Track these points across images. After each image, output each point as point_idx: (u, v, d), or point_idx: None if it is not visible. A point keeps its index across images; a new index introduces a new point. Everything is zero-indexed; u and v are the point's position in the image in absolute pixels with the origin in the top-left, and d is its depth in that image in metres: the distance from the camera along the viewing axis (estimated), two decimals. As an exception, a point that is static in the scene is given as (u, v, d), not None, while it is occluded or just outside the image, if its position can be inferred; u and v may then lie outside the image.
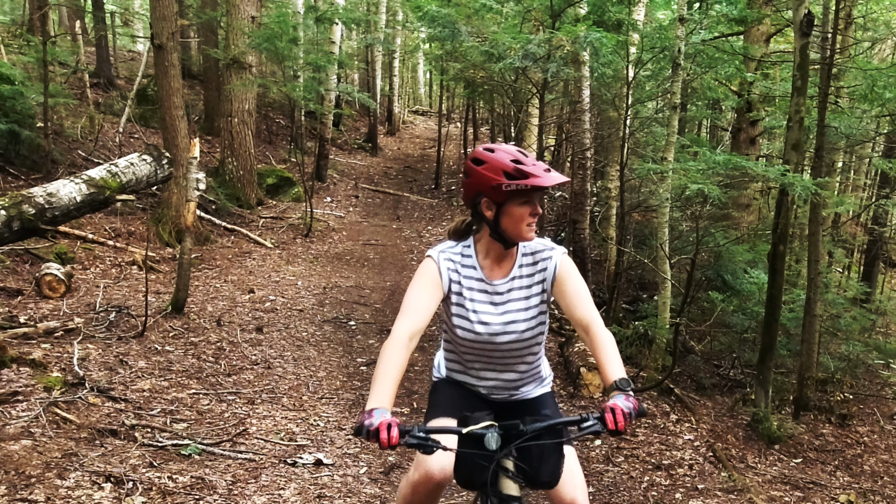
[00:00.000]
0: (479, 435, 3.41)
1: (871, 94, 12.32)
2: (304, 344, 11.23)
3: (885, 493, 8.85)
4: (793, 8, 9.62)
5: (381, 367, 3.65)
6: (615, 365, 3.77)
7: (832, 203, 14.74)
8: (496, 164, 3.86)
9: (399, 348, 3.71)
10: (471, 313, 4.20)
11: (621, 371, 3.76)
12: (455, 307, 4.23)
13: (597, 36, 11.18)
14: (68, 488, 6.03)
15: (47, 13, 20.89)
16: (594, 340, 3.91)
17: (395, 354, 3.69)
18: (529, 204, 3.94)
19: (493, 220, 3.99)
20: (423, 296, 4.02)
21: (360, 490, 6.94)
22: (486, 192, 3.91)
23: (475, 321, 4.19)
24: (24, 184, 14.20)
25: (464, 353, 4.38)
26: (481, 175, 3.90)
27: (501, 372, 4.40)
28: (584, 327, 4.00)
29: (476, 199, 4.01)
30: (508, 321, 4.20)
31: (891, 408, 12.07)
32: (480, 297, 4.22)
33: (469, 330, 4.20)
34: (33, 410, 7.24)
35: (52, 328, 9.73)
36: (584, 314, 4.04)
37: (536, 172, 3.82)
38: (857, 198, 23.11)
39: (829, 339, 12.81)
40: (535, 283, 4.24)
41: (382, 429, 3.23)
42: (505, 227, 3.99)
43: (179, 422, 7.86)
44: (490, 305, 4.22)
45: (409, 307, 3.95)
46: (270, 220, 19.07)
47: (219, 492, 6.45)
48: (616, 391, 3.61)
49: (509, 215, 3.94)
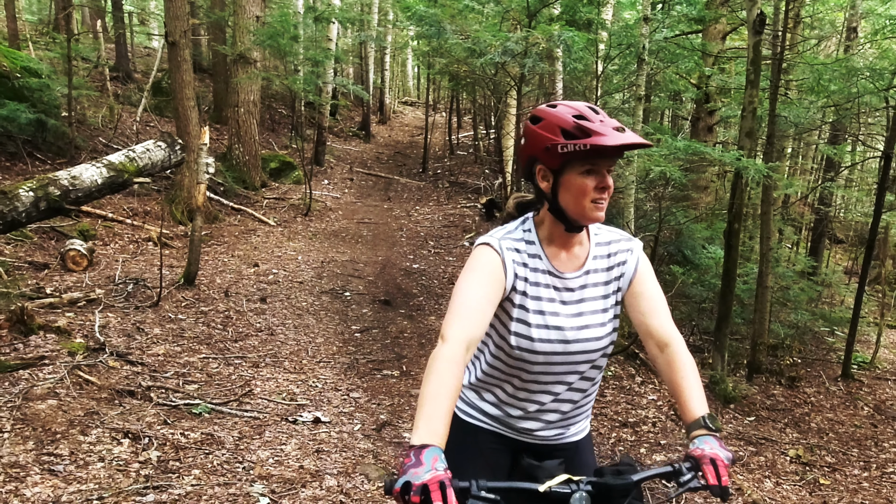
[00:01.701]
0: (561, 495, 2.49)
1: (817, 87, 12.34)
2: (303, 313, 11.21)
3: (829, 448, 8.88)
4: (747, 8, 9.60)
5: (431, 387, 2.47)
6: (699, 397, 2.81)
7: (782, 185, 14.78)
8: (554, 121, 2.80)
9: (453, 363, 2.54)
10: (536, 315, 2.97)
11: (705, 404, 2.80)
12: (517, 309, 2.97)
13: (569, 34, 11.16)
14: (90, 443, 6.02)
15: (71, 13, 20.82)
16: (672, 363, 2.93)
17: (449, 371, 2.52)
18: (595, 174, 2.79)
19: (549, 193, 2.90)
20: (482, 293, 2.80)
21: (354, 445, 6.94)
22: (540, 157, 2.86)
23: (542, 324, 2.97)
24: (50, 168, 14.16)
25: (513, 375, 3.09)
26: (536, 135, 2.84)
27: (559, 397, 3.13)
28: (661, 344, 2.99)
29: (531, 166, 2.94)
30: (583, 325, 3.03)
31: (835, 371, 12.12)
32: (548, 293, 3.01)
33: (529, 337, 2.95)
34: (58, 373, 7.22)
35: (75, 298, 9.71)
36: (661, 328, 3.02)
37: (602, 130, 2.70)
38: (804, 180, 23.20)
39: (779, 308, 12.85)
40: (612, 281, 3.11)
41: (434, 490, 2.14)
42: (564, 203, 2.87)
43: (191, 383, 7.84)
44: (560, 304, 3.02)
45: (463, 306, 2.74)
46: (273, 200, 19.02)
47: (226, 447, 6.44)
48: (704, 432, 2.66)
49: (568, 187, 2.83)
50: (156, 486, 5.50)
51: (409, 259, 15.95)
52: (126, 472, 5.67)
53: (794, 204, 21.04)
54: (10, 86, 14.31)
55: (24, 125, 13.87)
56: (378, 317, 11.67)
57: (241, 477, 5.89)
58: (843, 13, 18.84)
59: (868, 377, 12.25)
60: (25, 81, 14.59)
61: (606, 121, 2.76)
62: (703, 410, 2.72)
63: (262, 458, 6.31)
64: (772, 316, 11.85)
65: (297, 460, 6.38)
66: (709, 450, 2.56)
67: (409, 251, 16.64)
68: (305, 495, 5.74)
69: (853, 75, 11.74)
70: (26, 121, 13.78)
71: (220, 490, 5.60)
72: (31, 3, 33.95)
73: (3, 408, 6.36)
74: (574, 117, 2.75)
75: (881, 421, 10.16)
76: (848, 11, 17.48)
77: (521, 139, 2.98)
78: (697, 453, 2.56)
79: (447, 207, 21.71)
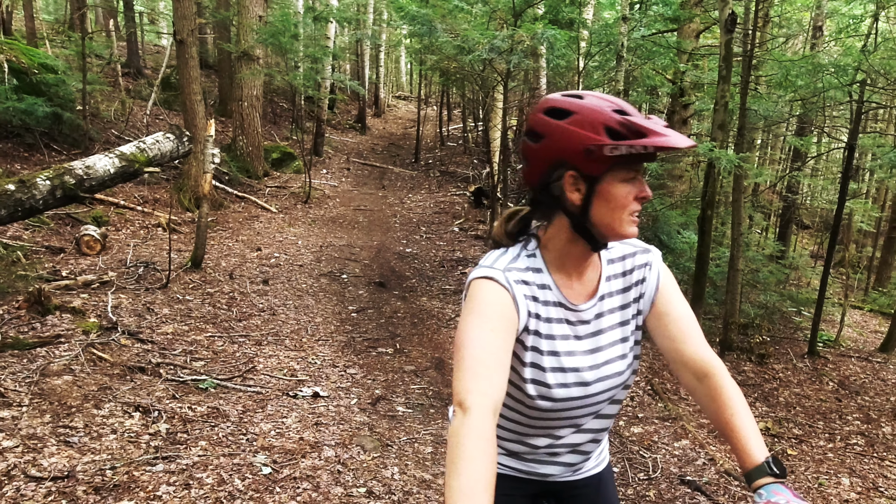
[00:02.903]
0: None
1: (785, 82, 12.33)
2: (303, 294, 11.21)
3: (796, 421, 8.90)
4: (719, 9, 9.59)
5: (464, 480, 1.79)
6: (756, 436, 2.16)
7: (752, 174, 14.78)
8: (592, 116, 2.10)
9: (483, 440, 1.86)
10: (550, 358, 2.32)
11: (763, 444, 2.15)
12: (530, 353, 2.30)
13: (552, 33, 11.16)
14: (103, 416, 6.02)
15: (85, 13, 20.75)
16: (718, 396, 2.26)
17: (482, 453, 1.84)
18: (636, 182, 2.15)
19: (580, 206, 2.18)
20: (498, 342, 2.09)
21: (351, 418, 6.94)
22: (575, 161, 2.12)
23: (558, 367, 2.33)
24: (65, 158, 14.14)
25: (527, 425, 2.46)
26: (568, 133, 2.11)
27: (576, 439, 2.54)
28: (700, 373, 2.33)
29: (552, 173, 2.19)
30: (602, 362, 2.39)
31: (802, 348, 12.14)
32: (561, 329, 2.34)
33: (546, 384, 2.31)
34: (73, 350, 7.21)
35: (89, 281, 9.69)
36: (697, 354, 2.36)
37: (656, 128, 2.08)
38: (773, 170, 23.27)
39: (749, 289, 12.86)
40: (631, 304, 2.45)
41: None
42: (598, 217, 2.17)
43: (198, 360, 7.84)
44: (575, 341, 2.36)
45: (479, 362, 2.02)
46: (275, 188, 18.99)
47: (231, 420, 6.44)
48: (772, 480, 2.04)
49: (606, 198, 2.14)
50: (165, 457, 5.50)
51: (403, 244, 15.94)
52: (137, 444, 5.66)
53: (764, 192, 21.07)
54: (29, 81, 14.29)
55: (42, 118, 13.87)
56: (373, 298, 11.67)
57: (244, 448, 5.89)
58: (809, 13, 18.85)
59: (833, 354, 12.27)
60: (43, 77, 14.59)
61: (651, 117, 2.15)
62: (765, 452, 2.10)
63: (264, 431, 6.31)
64: (742, 297, 11.86)
65: (297, 432, 6.38)
66: (784, 502, 1.95)
67: (402, 236, 16.64)
68: (305, 465, 5.74)
69: (819, 71, 11.74)
70: (43, 114, 13.78)
71: (225, 460, 5.60)
72: (47, 4, 33.90)
73: (21, 383, 6.35)
74: (615, 112, 2.11)
75: (845, 395, 10.19)
76: (814, 11, 17.47)
77: (528, 136, 2.25)
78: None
79: (438, 195, 21.71)
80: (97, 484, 4.96)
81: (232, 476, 5.37)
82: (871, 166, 23.16)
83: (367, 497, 5.39)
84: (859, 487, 6.94)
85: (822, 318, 12.42)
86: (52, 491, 4.78)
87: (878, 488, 6.97)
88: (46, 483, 4.87)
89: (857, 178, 23.79)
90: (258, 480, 5.37)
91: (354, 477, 5.67)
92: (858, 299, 21.32)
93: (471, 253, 15.50)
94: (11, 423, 5.62)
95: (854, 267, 24.69)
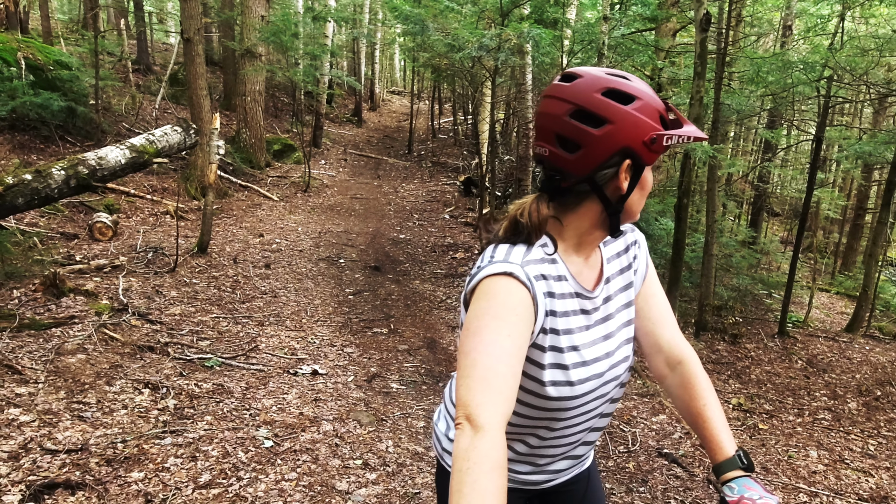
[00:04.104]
0: None
1: (756, 78, 12.32)
2: (303, 277, 11.20)
3: (767, 397, 8.93)
4: (694, 9, 9.57)
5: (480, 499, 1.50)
6: (726, 429, 2.06)
7: (726, 165, 14.79)
8: (652, 104, 1.90)
9: (499, 469, 1.56)
10: (571, 353, 2.02)
11: (732, 437, 2.05)
12: (550, 353, 1.99)
13: (537, 31, 11.14)
14: (115, 393, 6.02)
15: (98, 13, 20.69)
16: (690, 385, 2.15)
17: (497, 485, 1.54)
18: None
19: (625, 194, 1.97)
20: (514, 349, 1.76)
21: (347, 394, 6.95)
22: (638, 150, 1.89)
23: (580, 362, 2.04)
24: (79, 149, 14.10)
25: (540, 426, 2.13)
26: (635, 121, 1.87)
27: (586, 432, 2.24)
28: (673, 360, 2.23)
29: (612, 160, 1.90)
30: (614, 348, 2.15)
31: (772, 329, 12.17)
32: (578, 321, 2.06)
33: (570, 382, 2.02)
34: (87, 331, 7.21)
35: (101, 265, 9.68)
36: (673, 341, 2.25)
37: (684, 120, 1.96)
38: (745, 161, 23.24)
39: (723, 273, 12.89)
40: (630, 285, 2.24)
41: None
42: (631, 203, 2.01)
43: (203, 340, 7.84)
44: (589, 331, 2.09)
45: (494, 373, 1.70)
46: (276, 178, 18.95)
47: (235, 396, 6.45)
48: (742, 474, 1.95)
49: (643, 185, 2.00)
50: (173, 431, 5.51)
51: (397, 230, 15.93)
52: (146, 418, 5.67)
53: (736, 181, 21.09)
54: (45, 77, 14.28)
55: (57, 112, 13.87)
56: (369, 281, 11.67)
57: (248, 422, 5.90)
58: (779, 13, 18.84)
59: (801, 334, 12.30)
60: (58, 73, 14.57)
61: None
62: (734, 446, 2.01)
63: (266, 406, 6.32)
64: (716, 280, 11.88)
65: (297, 408, 6.39)
66: (759, 499, 1.84)
67: (396, 223, 16.63)
68: (305, 438, 5.75)
69: (788, 68, 11.74)
70: (58, 108, 13.78)
71: (229, 434, 5.61)
72: (62, 4, 33.75)
73: (37, 361, 6.36)
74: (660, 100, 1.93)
75: (812, 373, 10.22)
76: (784, 11, 17.46)
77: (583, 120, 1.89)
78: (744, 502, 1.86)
79: (430, 184, 21.69)
80: (109, 456, 4.97)
81: (236, 449, 5.38)
82: (838, 157, 23.19)
83: (363, 468, 5.40)
84: (826, 460, 6.97)
85: (791, 301, 12.46)
86: (67, 463, 4.79)
87: (843, 460, 7.01)
88: (61, 455, 4.87)
89: (825, 169, 23.84)
90: (261, 453, 5.38)
91: (351, 450, 5.69)
92: (825, 283, 21.38)
93: (461, 239, 15.50)
94: (28, 398, 5.63)
95: (821, 252, 24.76)
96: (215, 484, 4.84)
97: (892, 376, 10.29)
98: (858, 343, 12.15)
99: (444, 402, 2.46)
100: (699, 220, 14.32)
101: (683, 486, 5.92)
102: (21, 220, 10.83)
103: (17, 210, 9.00)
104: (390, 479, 5.30)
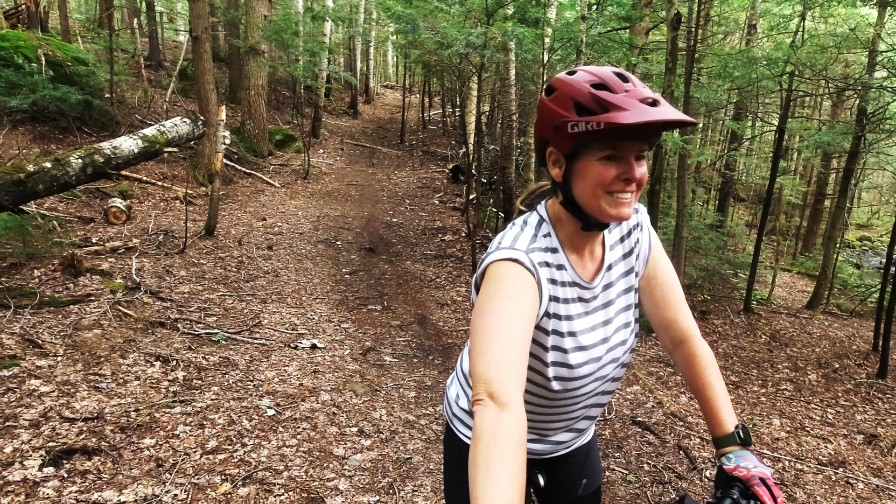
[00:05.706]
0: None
1: (723, 73, 12.33)
2: (303, 258, 11.20)
3: (734, 369, 8.98)
4: (666, 9, 9.56)
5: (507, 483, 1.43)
6: (728, 404, 2.03)
7: (695, 154, 14.80)
8: (568, 92, 1.81)
9: (523, 446, 1.52)
10: (570, 339, 2.01)
11: (733, 412, 2.03)
12: (552, 337, 1.99)
13: (520, 30, 11.10)
14: (128, 365, 6.03)
15: (113, 12, 20.52)
16: (693, 363, 2.10)
17: (522, 459, 1.50)
18: (618, 160, 1.79)
19: (561, 183, 1.91)
20: (523, 330, 1.73)
21: (344, 367, 6.96)
22: (550, 138, 1.86)
23: (577, 347, 2.03)
24: (95, 139, 14.06)
25: (546, 406, 2.15)
26: (547, 111, 1.86)
27: (586, 410, 2.26)
28: (677, 338, 2.17)
29: (543, 149, 1.93)
30: (611, 334, 2.12)
31: (738, 306, 12.23)
32: (576, 308, 2.04)
33: (568, 365, 2.02)
34: (102, 307, 7.21)
35: (116, 247, 9.67)
36: (677, 319, 2.18)
37: (623, 103, 1.71)
38: (713, 150, 23.30)
39: (692, 254, 12.92)
40: (631, 271, 2.17)
41: None
42: (578, 195, 1.87)
43: (210, 316, 7.84)
44: (588, 317, 2.06)
45: (511, 351, 1.66)
46: (278, 166, 18.90)
47: (240, 368, 6.45)
48: (739, 448, 1.94)
49: (582, 176, 1.83)
50: (182, 400, 5.52)
51: (390, 214, 15.92)
52: (157, 389, 5.68)
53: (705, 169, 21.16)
54: (63, 72, 14.24)
55: (74, 104, 13.87)
56: (364, 261, 11.67)
57: (252, 393, 5.91)
58: (744, 12, 18.83)
59: (765, 311, 12.37)
60: (75, 69, 14.54)
61: (634, 90, 1.77)
62: (734, 421, 1.99)
63: (269, 378, 6.33)
64: (686, 261, 11.92)
65: (297, 379, 6.40)
66: (753, 468, 1.85)
67: (389, 208, 16.61)
68: (304, 407, 5.76)
69: (753, 64, 11.74)
70: (76, 101, 13.78)
71: (234, 403, 5.62)
72: (79, 4, 33.53)
73: (56, 336, 6.36)
74: (592, 86, 1.77)
75: (775, 347, 10.27)
76: (749, 11, 17.44)
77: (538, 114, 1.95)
78: (743, 474, 1.85)
79: (421, 172, 21.65)
80: (123, 424, 4.97)
81: (240, 417, 5.39)
82: (799, 147, 23.33)
83: (359, 435, 5.42)
84: (788, 427, 7.01)
85: (755, 280, 12.52)
86: (84, 430, 4.80)
87: (804, 428, 7.05)
88: (78, 423, 4.88)
89: (787, 157, 23.88)
90: (263, 421, 5.39)
91: (347, 418, 5.70)
92: (787, 263, 21.51)
93: (449, 222, 15.50)
94: (48, 370, 5.63)
95: (784, 235, 24.85)
96: (221, 450, 4.85)
97: (849, 350, 10.36)
98: (818, 319, 12.22)
99: (457, 372, 2.46)
100: (670, 205, 14.34)
101: (655, 452, 5.95)
102: (41, 205, 10.79)
103: (38, 196, 8.98)
104: (384, 446, 5.31)
